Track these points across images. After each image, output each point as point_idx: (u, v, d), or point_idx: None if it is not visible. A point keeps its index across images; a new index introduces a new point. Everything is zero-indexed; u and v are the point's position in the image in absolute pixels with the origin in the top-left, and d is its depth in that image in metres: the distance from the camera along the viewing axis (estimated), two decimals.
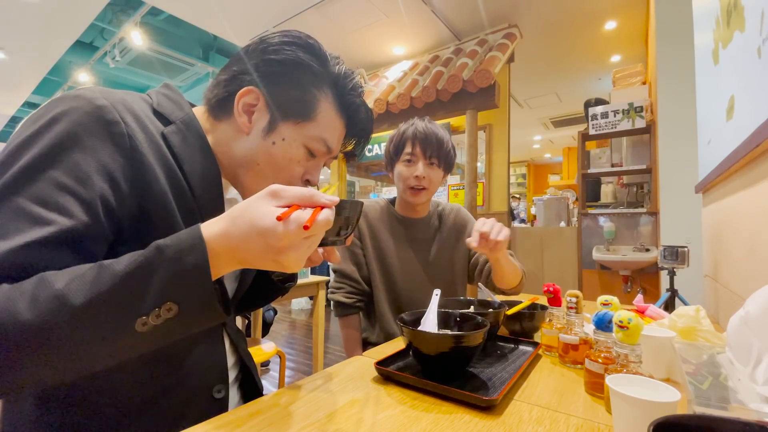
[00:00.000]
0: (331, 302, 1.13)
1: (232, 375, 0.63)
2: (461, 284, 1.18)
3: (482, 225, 0.88)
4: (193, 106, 0.61)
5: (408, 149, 1.06)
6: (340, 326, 1.13)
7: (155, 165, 0.48)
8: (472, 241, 0.87)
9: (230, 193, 0.64)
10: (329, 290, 1.15)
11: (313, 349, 2.01)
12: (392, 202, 1.19)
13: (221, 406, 0.57)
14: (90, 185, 0.42)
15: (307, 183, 0.60)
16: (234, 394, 0.65)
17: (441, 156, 1.06)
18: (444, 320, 0.71)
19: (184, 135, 0.53)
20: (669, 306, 1.23)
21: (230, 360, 0.63)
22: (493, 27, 3.48)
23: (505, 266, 0.98)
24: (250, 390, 0.68)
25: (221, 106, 0.57)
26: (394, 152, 1.10)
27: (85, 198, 0.41)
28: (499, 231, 0.87)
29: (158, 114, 0.52)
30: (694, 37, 1.39)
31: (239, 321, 2.26)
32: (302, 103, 0.55)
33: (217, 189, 0.56)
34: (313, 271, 2.11)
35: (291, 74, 0.55)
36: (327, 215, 0.40)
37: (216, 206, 0.55)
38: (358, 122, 0.62)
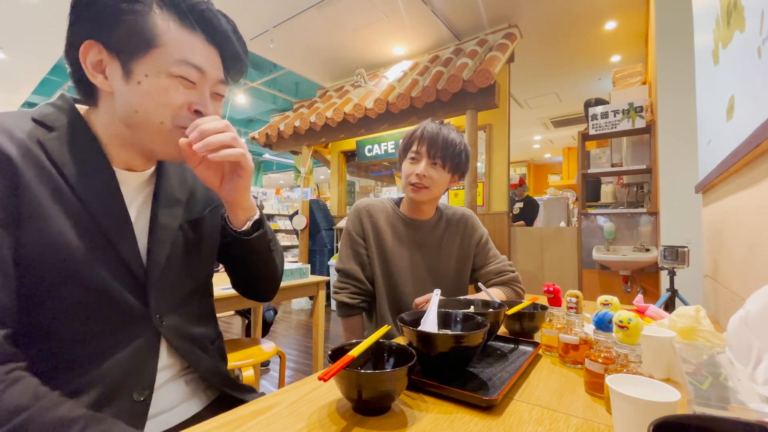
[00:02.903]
0: (334, 302, 1.12)
1: (163, 377, 0.61)
2: (463, 291, 1.18)
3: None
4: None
5: (414, 147, 1.08)
6: (343, 327, 1.13)
7: (26, 170, 0.49)
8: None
9: (144, 176, 0.63)
10: (333, 290, 1.14)
11: (313, 349, 2.01)
12: (398, 203, 1.18)
13: (143, 409, 0.56)
14: None
15: (198, 113, 0.57)
16: (173, 394, 0.63)
17: (446, 157, 1.05)
18: (444, 320, 0.71)
19: (66, 139, 0.54)
20: (669, 306, 1.23)
21: (165, 362, 0.62)
22: (493, 27, 3.48)
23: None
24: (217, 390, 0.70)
25: (85, 87, 0.56)
26: (403, 150, 1.12)
27: None
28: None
29: (39, 122, 0.53)
30: (694, 37, 1.39)
31: (240, 321, 2.26)
32: (141, 33, 0.52)
33: (108, 185, 0.56)
34: (313, 271, 2.11)
35: (114, 11, 0.52)
36: None
37: (109, 206, 0.55)
38: (218, 32, 0.58)
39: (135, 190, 0.62)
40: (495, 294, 1.01)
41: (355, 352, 0.52)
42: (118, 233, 0.55)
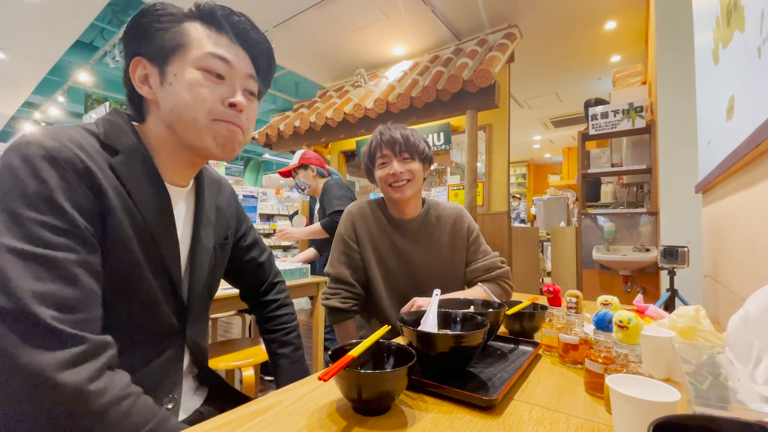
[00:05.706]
0: (326, 308, 1.12)
1: (188, 384, 0.68)
2: (459, 284, 1.18)
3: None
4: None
5: (379, 154, 1.11)
6: (336, 333, 1.13)
7: (111, 193, 0.52)
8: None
9: (185, 190, 0.66)
10: (323, 296, 1.13)
11: (313, 349, 2.01)
12: (384, 201, 1.19)
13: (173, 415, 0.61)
14: (73, 221, 0.47)
15: (233, 106, 0.60)
16: (192, 399, 0.70)
17: (410, 149, 1.09)
18: (444, 320, 0.71)
19: (130, 164, 0.56)
20: (669, 306, 1.23)
21: (191, 372, 0.69)
22: (493, 27, 3.48)
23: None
24: (219, 392, 0.75)
25: (135, 103, 0.61)
26: (370, 162, 1.15)
27: (76, 233, 0.47)
28: None
29: (105, 146, 0.55)
30: (694, 37, 1.39)
31: (240, 321, 2.26)
32: (172, 38, 0.57)
33: (166, 216, 0.59)
34: (313, 271, 2.11)
35: (153, 27, 0.57)
36: None
37: (166, 230, 0.59)
38: (240, 31, 0.61)
39: (178, 207, 0.64)
40: (477, 293, 1.06)
41: (355, 352, 0.52)
42: (170, 257, 0.59)
